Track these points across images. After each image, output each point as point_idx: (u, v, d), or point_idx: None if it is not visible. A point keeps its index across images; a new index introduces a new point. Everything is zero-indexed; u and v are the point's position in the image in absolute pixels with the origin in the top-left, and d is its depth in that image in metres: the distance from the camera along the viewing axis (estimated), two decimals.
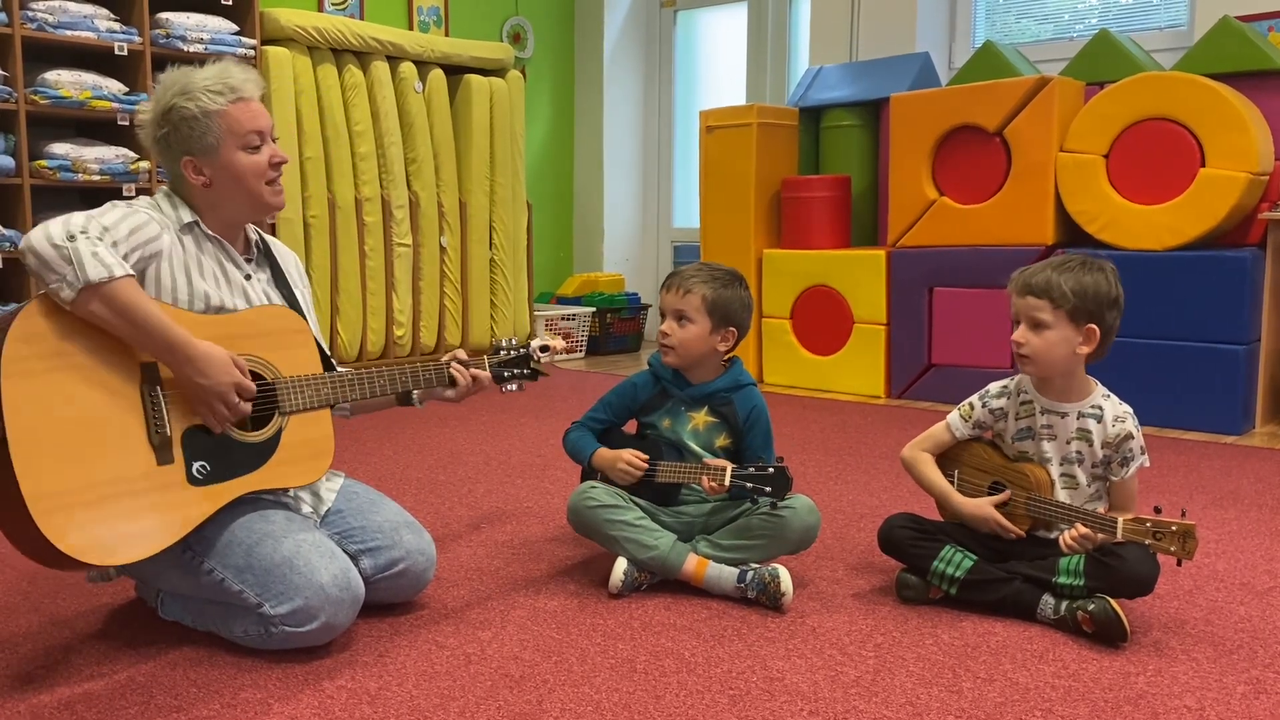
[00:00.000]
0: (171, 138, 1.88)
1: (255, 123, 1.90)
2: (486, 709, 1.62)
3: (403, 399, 2.15)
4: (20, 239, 3.96)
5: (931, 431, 2.17)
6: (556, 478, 3.13)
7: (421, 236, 5.19)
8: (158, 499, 1.70)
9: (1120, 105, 3.89)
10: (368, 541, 1.96)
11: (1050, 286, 1.95)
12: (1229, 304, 3.69)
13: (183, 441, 1.74)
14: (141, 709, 1.62)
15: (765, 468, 2.04)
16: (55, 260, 1.60)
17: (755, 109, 4.83)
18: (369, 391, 1.99)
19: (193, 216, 1.90)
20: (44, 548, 1.58)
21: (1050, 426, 2.02)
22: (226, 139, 1.87)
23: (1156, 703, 1.64)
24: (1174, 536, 1.79)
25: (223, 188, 1.90)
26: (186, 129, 1.86)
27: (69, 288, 1.61)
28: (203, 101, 1.85)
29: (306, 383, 1.91)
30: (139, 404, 1.70)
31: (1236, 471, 3.19)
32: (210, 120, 1.85)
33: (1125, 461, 1.98)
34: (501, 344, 2.22)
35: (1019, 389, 2.09)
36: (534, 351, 2.22)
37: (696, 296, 2.16)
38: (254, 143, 1.90)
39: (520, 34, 6.37)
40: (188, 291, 1.84)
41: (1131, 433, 1.98)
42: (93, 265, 1.62)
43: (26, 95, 3.96)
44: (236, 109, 1.88)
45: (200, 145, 1.87)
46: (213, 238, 1.92)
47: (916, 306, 4.43)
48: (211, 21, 4.47)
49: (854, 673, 1.75)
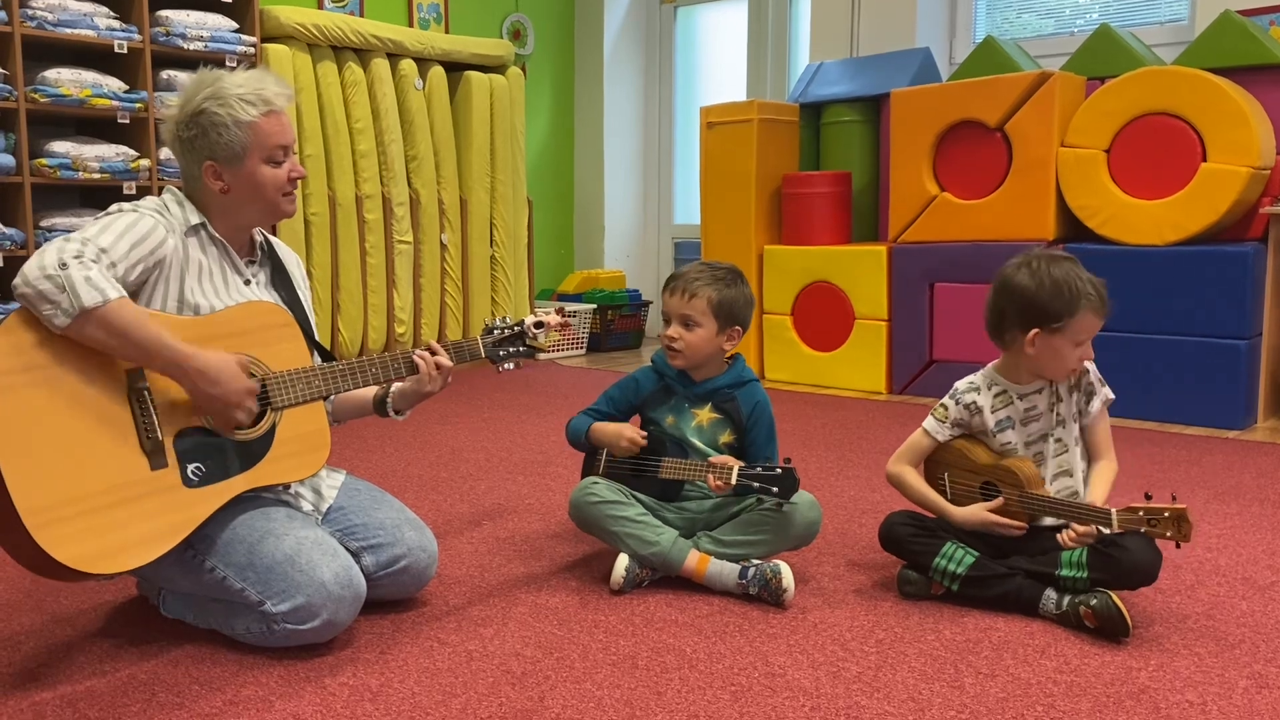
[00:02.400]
0: (198, 141, 1.86)
1: (282, 137, 1.90)
2: (488, 705, 1.62)
3: (379, 406, 2.12)
4: (20, 237, 3.96)
5: (911, 442, 2.14)
6: (558, 474, 3.13)
7: (422, 234, 5.19)
8: (154, 504, 1.69)
9: (1121, 100, 3.88)
10: (369, 539, 1.96)
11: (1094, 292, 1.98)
12: (1230, 299, 3.69)
13: (175, 444, 1.74)
14: (144, 706, 1.63)
15: (773, 467, 2.04)
16: (50, 290, 1.58)
17: (756, 105, 4.82)
18: (358, 382, 1.95)
19: (200, 219, 1.89)
20: (44, 561, 1.58)
21: (1034, 407, 2.05)
22: (252, 150, 1.86)
23: (1158, 697, 1.64)
24: (1168, 522, 1.83)
25: (239, 196, 1.89)
26: (215, 135, 1.85)
27: (64, 314, 1.59)
28: (235, 110, 1.84)
29: (295, 377, 1.88)
30: (128, 410, 1.69)
31: (1238, 466, 3.19)
32: (240, 130, 1.85)
33: (1089, 396, 2.02)
34: (495, 323, 2.18)
35: (989, 381, 2.09)
36: (529, 328, 2.17)
37: (702, 300, 2.15)
38: (278, 157, 1.90)
39: (520, 30, 6.36)
40: (177, 303, 1.83)
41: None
42: (86, 291, 1.60)
43: (26, 93, 3.95)
44: (267, 122, 1.87)
45: (225, 153, 1.86)
46: (218, 241, 1.91)
47: (918, 302, 4.42)
48: (211, 19, 4.46)
49: (856, 668, 1.75)
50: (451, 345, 2.08)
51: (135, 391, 1.71)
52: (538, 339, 2.19)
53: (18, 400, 1.58)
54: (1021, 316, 1.97)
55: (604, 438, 2.20)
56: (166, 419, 1.74)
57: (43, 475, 1.58)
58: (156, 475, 1.71)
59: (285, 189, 1.93)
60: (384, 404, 2.11)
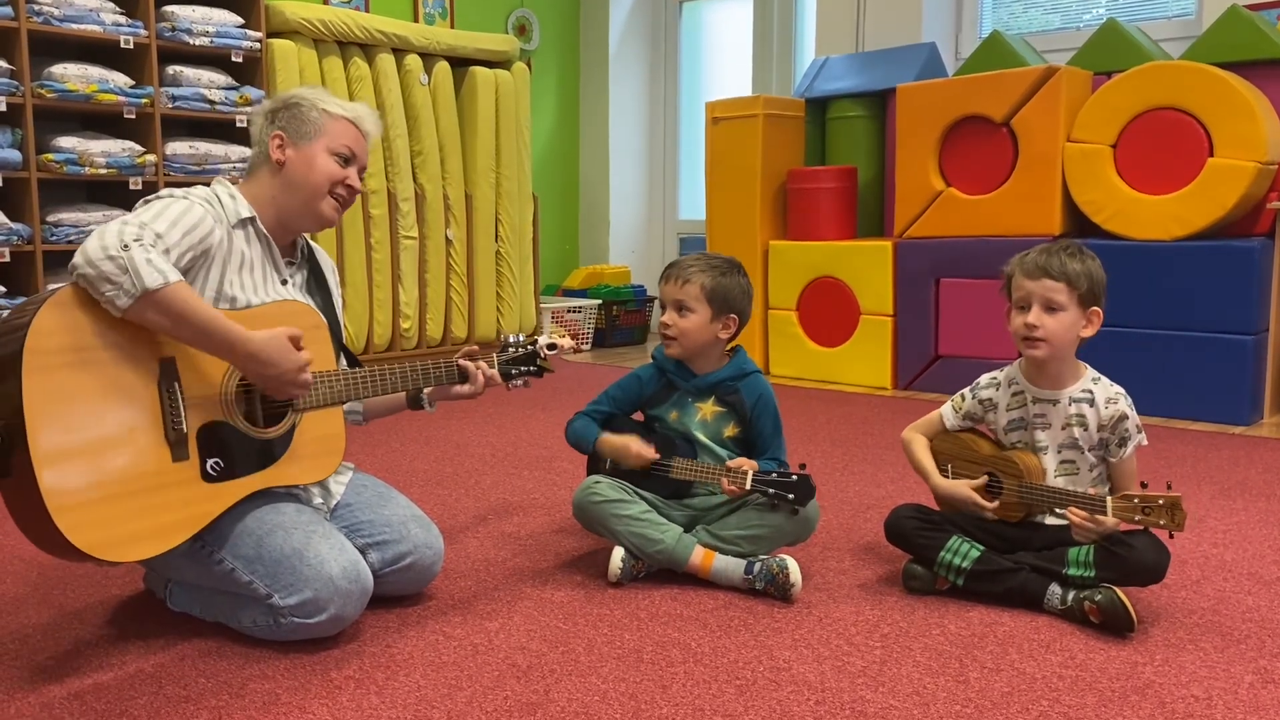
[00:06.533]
0: (279, 115, 1.96)
1: (356, 145, 1.99)
2: (493, 699, 1.62)
3: (413, 402, 2.17)
4: (27, 232, 3.97)
5: (929, 416, 2.22)
6: (562, 470, 3.14)
7: (427, 229, 5.20)
8: (172, 496, 1.70)
9: (1128, 95, 3.87)
10: (376, 535, 1.97)
11: (1067, 269, 1.98)
12: (1237, 294, 3.68)
13: (198, 438, 1.75)
14: (151, 700, 1.63)
15: (788, 474, 2.05)
16: (112, 271, 1.59)
17: (761, 100, 4.82)
18: (382, 388, 2.00)
19: (251, 213, 1.91)
20: (60, 543, 1.59)
21: (1043, 415, 2.04)
22: (321, 137, 1.95)
23: (1164, 692, 1.64)
24: (1162, 510, 1.84)
25: (292, 176, 1.93)
26: (297, 113, 1.95)
27: (126, 295, 1.60)
28: (326, 104, 1.97)
29: (322, 379, 1.90)
30: (157, 400, 1.70)
31: (1244, 462, 3.18)
32: (320, 117, 1.95)
33: (1123, 442, 2.00)
34: (509, 341, 2.24)
35: (1009, 379, 2.10)
36: (541, 349, 2.23)
37: (695, 285, 2.16)
38: (344, 154, 1.97)
39: (525, 26, 6.36)
40: (215, 293, 1.84)
41: (1125, 413, 1.99)
42: (148, 272, 1.61)
43: (33, 89, 3.96)
44: (346, 127, 1.98)
45: (297, 130, 1.94)
46: (264, 237, 1.93)
47: (923, 297, 4.42)
48: (217, 14, 4.47)
49: (861, 663, 1.75)
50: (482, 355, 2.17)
51: (166, 382, 1.71)
52: (547, 360, 2.24)
53: (54, 381, 1.59)
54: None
55: (613, 452, 2.21)
56: (194, 411, 1.74)
57: (70, 457, 1.59)
58: (177, 467, 1.71)
59: (337, 190, 1.97)
60: (419, 400, 2.17)
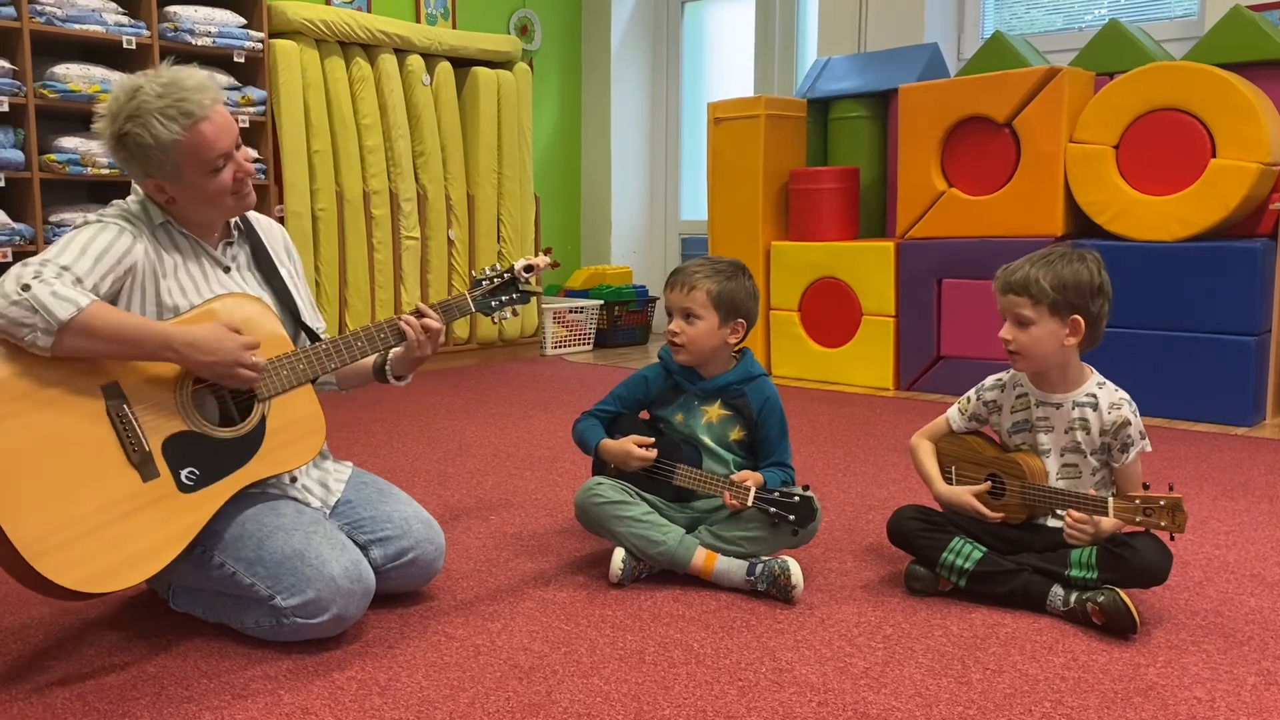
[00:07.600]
0: (131, 161, 1.80)
1: (215, 146, 1.79)
2: (496, 699, 1.62)
3: (378, 374, 2.08)
4: (29, 232, 3.97)
5: (936, 421, 2.22)
6: (565, 470, 3.14)
7: (429, 229, 5.20)
8: (153, 515, 1.69)
9: (1130, 96, 3.87)
10: (377, 531, 1.97)
11: (1029, 283, 1.97)
12: (1239, 295, 3.67)
13: (164, 452, 1.72)
14: (153, 699, 1.63)
15: (791, 494, 2.04)
16: (21, 315, 1.57)
17: (763, 100, 4.81)
18: (340, 361, 1.90)
19: (164, 218, 1.87)
20: (50, 586, 1.59)
21: (1046, 418, 2.04)
22: (185, 167, 1.78)
23: (1166, 694, 1.64)
24: (1163, 511, 1.83)
25: (188, 204, 1.85)
26: (144, 156, 1.77)
27: (44, 334, 1.58)
28: (156, 130, 1.74)
29: (279, 364, 1.85)
30: (109, 427, 1.68)
31: (1247, 463, 3.18)
32: (167, 151, 1.76)
33: (1125, 447, 1.99)
34: (483, 274, 2.11)
35: (1014, 382, 2.10)
36: (519, 273, 2.10)
37: (701, 292, 2.15)
38: (217, 165, 1.81)
39: (528, 26, 6.36)
40: (156, 307, 1.81)
41: (1128, 419, 1.98)
42: (57, 305, 1.59)
43: (35, 89, 3.96)
44: (193, 136, 1.76)
45: (160, 171, 1.79)
46: (186, 235, 1.89)
47: (925, 298, 4.42)
48: (219, 15, 4.47)
49: (863, 664, 1.75)
50: (439, 305, 2.02)
51: (113, 407, 1.69)
52: (530, 283, 2.11)
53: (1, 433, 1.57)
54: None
55: (613, 460, 2.21)
56: (151, 429, 1.72)
57: (31, 507, 1.57)
58: (150, 486, 1.70)
59: (234, 189, 1.85)
60: (383, 372, 2.07)
